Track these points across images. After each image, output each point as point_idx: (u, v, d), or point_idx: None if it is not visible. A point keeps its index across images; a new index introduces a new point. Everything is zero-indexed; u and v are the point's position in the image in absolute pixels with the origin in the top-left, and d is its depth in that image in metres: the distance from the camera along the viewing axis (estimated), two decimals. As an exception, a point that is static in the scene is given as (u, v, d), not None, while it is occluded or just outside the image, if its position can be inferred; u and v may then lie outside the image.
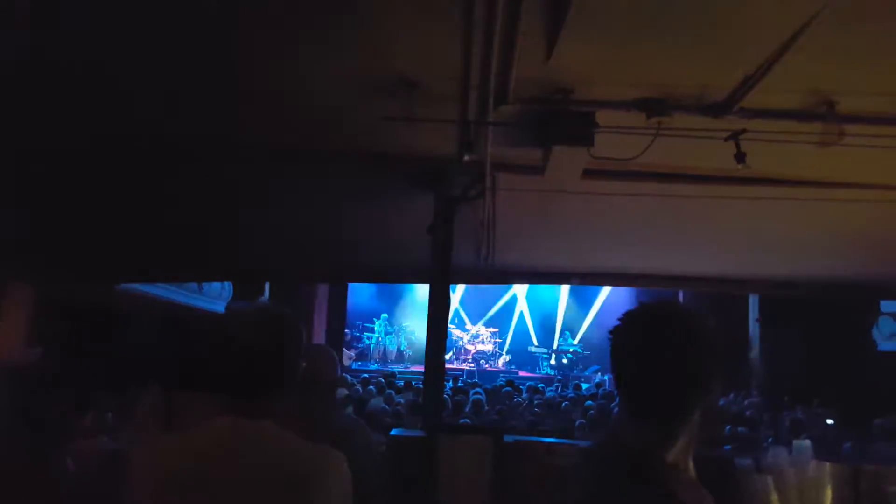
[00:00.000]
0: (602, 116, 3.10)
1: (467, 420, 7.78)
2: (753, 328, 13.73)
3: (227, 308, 11.98)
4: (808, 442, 2.71)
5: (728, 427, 6.72)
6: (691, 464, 1.39)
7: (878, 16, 2.32)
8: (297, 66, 2.91)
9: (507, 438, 3.47)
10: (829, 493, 2.50)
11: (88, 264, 6.75)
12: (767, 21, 2.40)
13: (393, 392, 9.32)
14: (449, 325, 8.17)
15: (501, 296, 17.93)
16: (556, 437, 4.95)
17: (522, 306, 18.33)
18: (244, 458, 1.42)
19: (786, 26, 2.41)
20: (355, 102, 3.21)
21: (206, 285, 11.43)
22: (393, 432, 3.75)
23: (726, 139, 3.11)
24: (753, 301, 13.76)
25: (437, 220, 4.09)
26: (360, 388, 9.45)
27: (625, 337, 1.41)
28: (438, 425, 3.69)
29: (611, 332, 1.41)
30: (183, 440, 1.48)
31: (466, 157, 3.45)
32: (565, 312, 18.20)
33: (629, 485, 1.33)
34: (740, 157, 3.08)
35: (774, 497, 2.38)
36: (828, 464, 2.60)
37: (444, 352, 4.04)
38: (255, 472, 1.41)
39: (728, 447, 5.85)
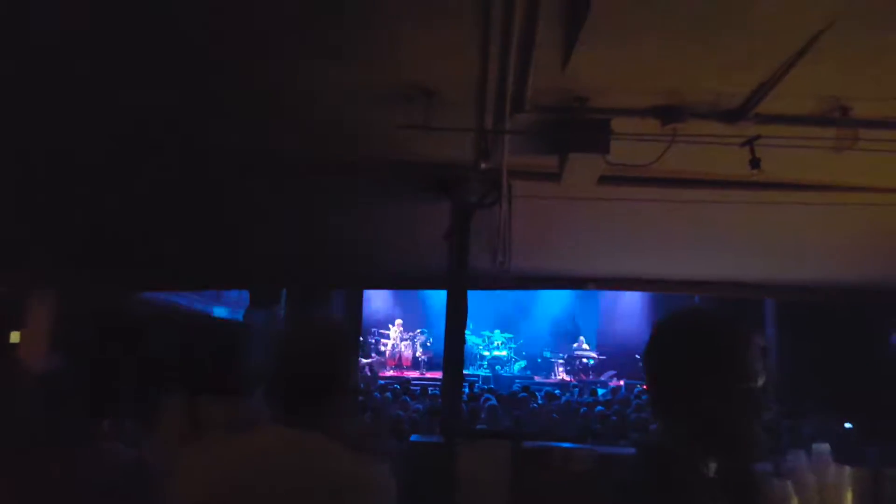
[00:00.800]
0: (618, 124, 3.12)
1: (484, 426, 7.79)
2: (770, 334, 13.61)
3: (244, 315, 12.08)
4: (826, 446, 2.71)
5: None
6: (713, 466, 1.41)
7: (891, 23, 2.33)
8: (313, 75, 2.95)
9: (527, 444, 3.50)
10: (849, 497, 2.51)
11: (111, 272, 6.86)
12: (782, 28, 2.42)
13: (408, 398, 9.35)
14: (464, 332, 8.19)
15: (516, 301, 17.91)
16: (573, 443, 4.96)
17: (537, 312, 18.30)
18: (295, 468, 1.41)
19: (800, 33, 2.43)
20: (372, 111, 3.26)
21: (224, 293, 11.54)
22: (412, 438, 3.79)
23: (741, 145, 3.13)
24: (770, 306, 13.65)
25: (453, 227, 4.13)
26: (377, 395, 9.49)
27: (662, 342, 1.44)
28: (458, 431, 3.72)
29: (651, 335, 1.44)
30: (234, 447, 1.47)
31: (483, 165, 3.49)
32: (580, 318, 18.14)
33: (650, 487, 1.36)
34: (755, 162, 3.10)
35: (795, 501, 2.39)
36: (847, 468, 2.61)
37: (463, 357, 4.07)
38: (306, 483, 1.40)
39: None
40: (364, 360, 15.44)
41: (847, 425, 7.57)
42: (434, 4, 2.44)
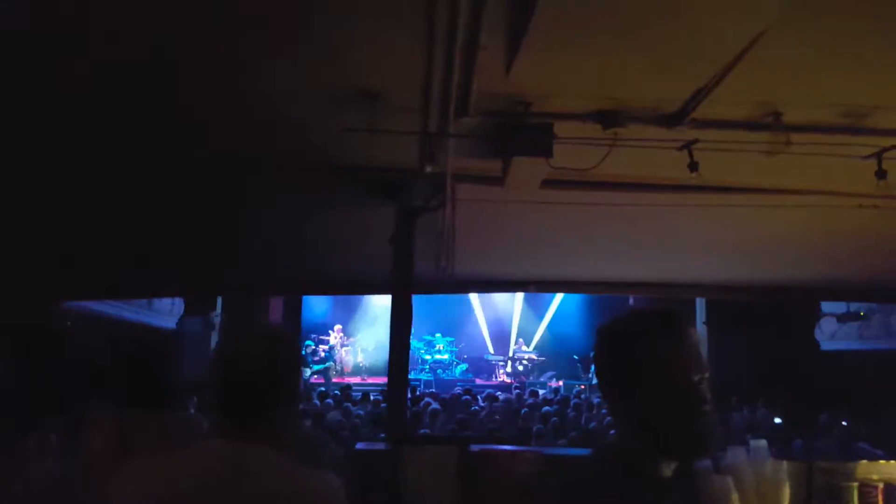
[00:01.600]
0: (560, 128, 3.16)
1: (426, 430, 7.77)
2: (701, 331, 14.10)
3: (178, 324, 11.67)
4: (764, 441, 2.78)
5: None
6: (668, 464, 1.41)
7: (820, 33, 2.44)
8: (257, 77, 2.88)
9: (473, 448, 3.48)
10: (786, 491, 2.58)
11: (32, 281, 6.49)
12: (718, 37, 2.50)
13: (350, 405, 9.24)
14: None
15: (456, 305, 17.96)
16: (514, 444, 4.97)
17: (477, 314, 18.42)
18: (243, 485, 1.35)
19: (735, 42, 2.51)
20: (316, 114, 3.20)
21: (155, 301, 11.12)
22: (358, 446, 3.71)
23: (679, 149, 3.22)
24: (700, 305, 14.15)
25: (398, 231, 4.09)
26: (317, 402, 9.33)
27: (607, 345, 1.44)
28: (403, 437, 3.68)
29: (597, 339, 1.44)
30: (175, 463, 1.38)
31: (428, 169, 3.47)
32: (519, 319, 18.35)
33: (605, 487, 1.36)
34: (693, 165, 3.19)
35: (735, 496, 2.44)
36: (784, 462, 2.69)
37: (408, 363, 4.04)
38: (256, 500, 1.35)
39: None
40: (321, 366, 15.23)
41: (777, 420, 7.90)
42: (380, 8, 2.42)
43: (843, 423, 6.89)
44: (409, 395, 10.95)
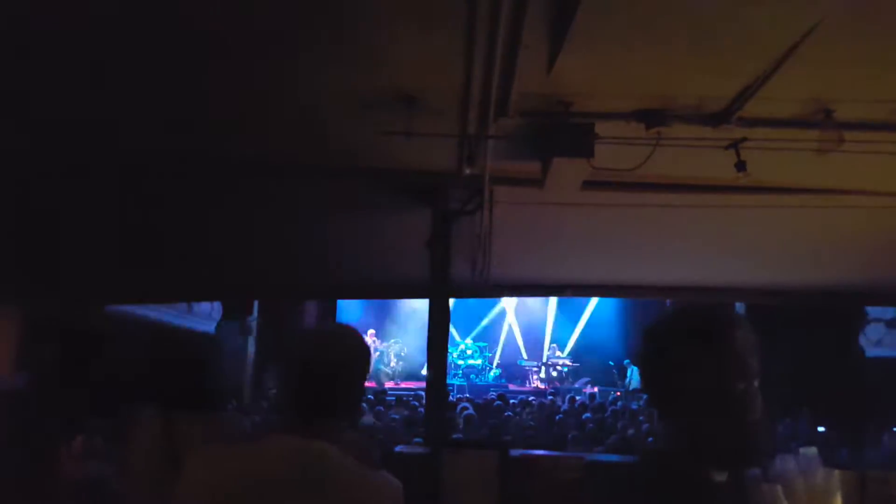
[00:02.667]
0: (602, 128, 3.11)
1: (460, 436, 7.73)
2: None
3: (217, 327, 11.83)
4: (814, 449, 2.70)
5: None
6: (717, 470, 1.37)
7: (874, 27, 2.35)
8: (295, 80, 2.90)
9: (513, 453, 3.45)
10: (838, 501, 2.49)
11: (76, 286, 6.65)
12: (766, 32, 2.43)
13: (382, 408, 9.24)
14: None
15: (489, 309, 17.85)
16: (551, 450, 4.92)
17: (511, 320, 18.28)
18: (318, 481, 1.37)
19: (784, 37, 2.44)
20: (354, 117, 3.20)
21: (195, 305, 11.29)
22: (396, 449, 3.71)
23: (726, 148, 3.14)
24: (740, 310, 13.81)
25: (435, 235, 4.07)
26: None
27: (654, 345, 1.40)
28: (443, 441, 3.66)
29: (644, 339, 1.40)
30: (252, 452, 1.40)
31: (467, 171, 3.45)
32: (553, 325, 18.17)
33: (651, 492, 1.32)
34: (741, 165, 3.11)
35: (785, 506, 2.35)
36: (836, 471, 2.59)
37: (446, 367, 4.02)
38: (330, 496, 1.36)
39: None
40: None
41: (820, 429, 7.65)
42: (420, 11, 2.41)
43: (894, 429, 6.64)
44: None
